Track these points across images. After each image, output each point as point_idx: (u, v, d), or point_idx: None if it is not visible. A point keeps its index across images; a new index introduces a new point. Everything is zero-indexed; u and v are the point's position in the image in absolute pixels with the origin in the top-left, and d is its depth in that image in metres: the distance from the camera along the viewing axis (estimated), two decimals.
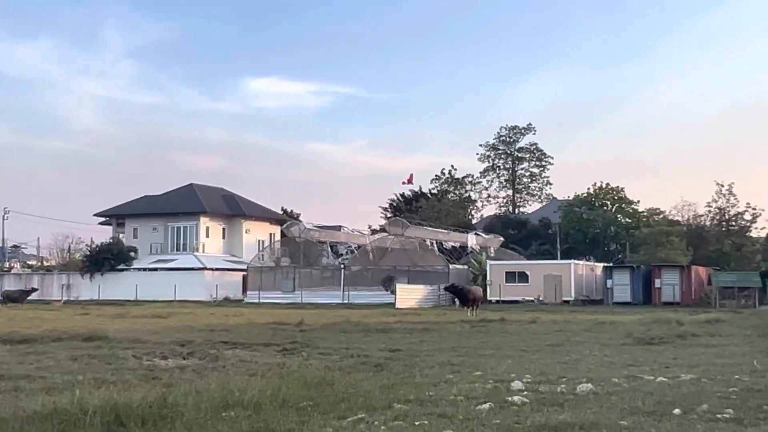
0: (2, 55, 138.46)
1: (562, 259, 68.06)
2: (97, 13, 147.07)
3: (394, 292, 54.41)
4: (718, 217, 76.90)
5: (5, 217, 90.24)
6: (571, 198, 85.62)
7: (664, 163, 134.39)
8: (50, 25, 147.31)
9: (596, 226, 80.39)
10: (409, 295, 54.09)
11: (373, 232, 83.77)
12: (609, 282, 57.44)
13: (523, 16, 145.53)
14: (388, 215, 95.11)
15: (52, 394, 10.73)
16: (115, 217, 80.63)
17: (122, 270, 71.95)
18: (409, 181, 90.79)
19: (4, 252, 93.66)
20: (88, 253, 76.02)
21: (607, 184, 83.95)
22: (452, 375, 13.45)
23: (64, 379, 13.03)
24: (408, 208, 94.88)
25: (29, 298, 57.00)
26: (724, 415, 9.17)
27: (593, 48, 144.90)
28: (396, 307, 49.82)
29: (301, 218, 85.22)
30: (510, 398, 10.47)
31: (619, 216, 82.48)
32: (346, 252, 73.64)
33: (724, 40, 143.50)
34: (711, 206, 76.96)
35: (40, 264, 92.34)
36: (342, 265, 66.45)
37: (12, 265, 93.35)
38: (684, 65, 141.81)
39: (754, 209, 75.88)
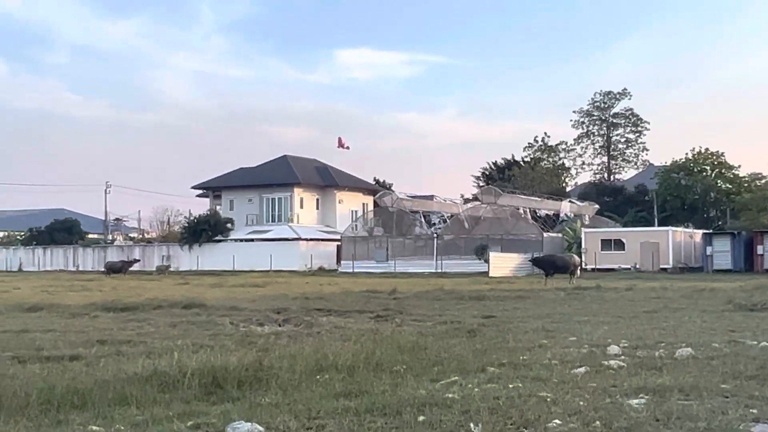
0: (99, 32, 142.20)
1: (659, 226, 66.62)
2: None
3: (487, 261, 54.12)
4: None
5: (108, 192, 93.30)
6: (668, 164, 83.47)
7: (766, 126, 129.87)
8: (145, 1, 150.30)
9: (695, 192, 78.24)
10: (503, 264, 53.75)
11: (466, 201, 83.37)
12: (708, 249, 55.96)
13: None
14: (481, 184, 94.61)
15: (152, 357, 11.00)
16: (212, 189, 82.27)
17: (219, 241, 73.47)
18: (342, 146, 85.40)
19: (107, 225, 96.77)
20: (187, 224, 77.86)
21: (707, 149, 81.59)
22: (546, 340, 13.30)
23: (163, 344, 13.35)
24: (500, 176, 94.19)
25: (131, 268, 58.65)
26: None
27: (686, 5, 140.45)
28: (489, 275, 49.64)
29: (393, 188, 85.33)
30: (606, 362, 10.30)
31: (719, 181, 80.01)
32: (439, 221, 73.43)
33: None
34: None
35: (141, 236, 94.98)
36: (435, 235, 66.43)
37: (115, 237, 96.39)
38: None
39: None
